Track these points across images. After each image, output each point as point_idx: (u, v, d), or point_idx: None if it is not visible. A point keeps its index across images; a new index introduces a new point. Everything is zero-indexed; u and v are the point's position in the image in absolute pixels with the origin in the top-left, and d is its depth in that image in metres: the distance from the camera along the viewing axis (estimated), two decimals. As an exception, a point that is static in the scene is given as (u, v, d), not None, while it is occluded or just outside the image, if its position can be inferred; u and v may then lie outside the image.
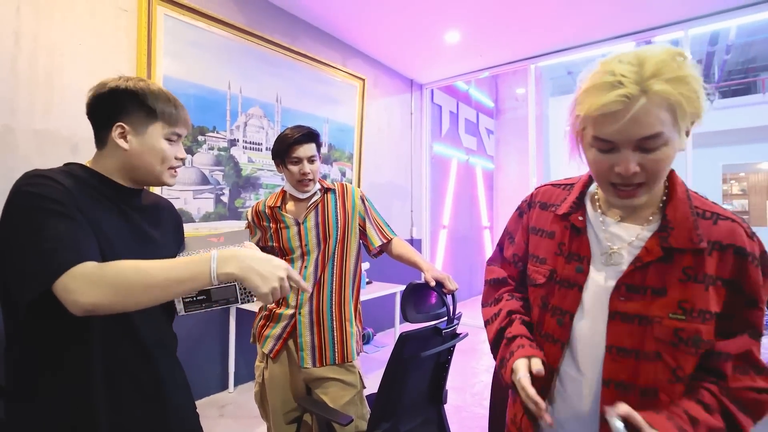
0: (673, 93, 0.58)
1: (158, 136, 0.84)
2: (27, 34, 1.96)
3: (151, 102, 0.83)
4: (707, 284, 0.64)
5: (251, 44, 2.91)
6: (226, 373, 2.82)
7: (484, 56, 4.18)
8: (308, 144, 1.42)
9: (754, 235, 0.67)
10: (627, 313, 0.68)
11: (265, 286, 0.70)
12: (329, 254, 1.45)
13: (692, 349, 0.64)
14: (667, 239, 0.67)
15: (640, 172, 0.63)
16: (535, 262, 0.82)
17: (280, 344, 1.43)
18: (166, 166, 0.86)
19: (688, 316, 0.64)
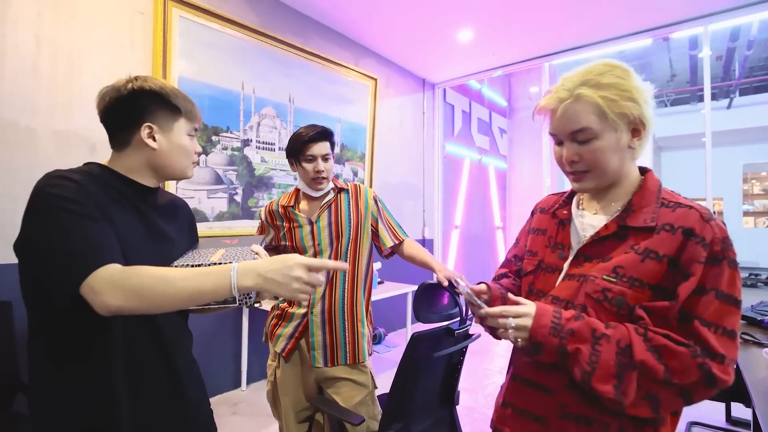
0: (594, 96, 0.73)
1: (183, 133, 0.88)
2: (47, 38, 2.01)
3: (174, 100, 0.86)
4: (645, 257, 0.71)
5: (264, 45, 2.93)
6: (239, 371, 2.85)
7: (498, 55, 4.15)
8: (323, 142, 1.43)
9: (710, 220, 0.70)
10: (573, 274, 0.78)
11: (285, 291, 0.71)
12: (341, 254, 1.45)
13: (614, 308, 0.71)
14: (624, 219, 0.76)
15: (580, 162, 0.77)
16: (529, 255, 0.92)
17: (292, 343, 1.44)
18: (191, 162, 0.91)
19: (618, 279, 0.72)
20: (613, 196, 0.81)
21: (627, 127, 0.74)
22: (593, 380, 0.68)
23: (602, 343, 0.68)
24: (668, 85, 8.34)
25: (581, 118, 0.74)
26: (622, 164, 0.77)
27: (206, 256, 0.86)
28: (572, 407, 0.74)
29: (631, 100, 0.72)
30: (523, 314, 0.72)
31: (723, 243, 0.68)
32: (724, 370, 0.65)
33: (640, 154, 0.79)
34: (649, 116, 0.74)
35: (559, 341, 0.69)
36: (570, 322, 0.70)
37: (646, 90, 0.75)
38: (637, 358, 0.66)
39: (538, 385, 0.79)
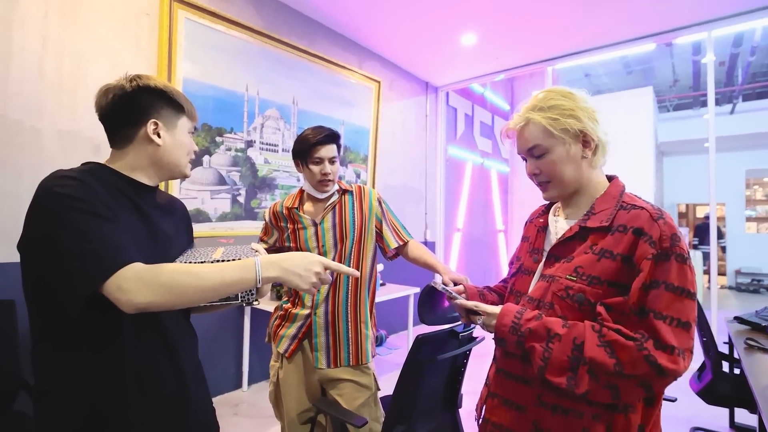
0: (539, 118, 0.86)
1: (185, 131, 0.90)
2: (53, 39, 2.02)
3: (177, 98, 0.87)
4: (601, 256, 0.79)
5: (269, 47, 2.94)
6: (240, 372, 2.85)
7: (501, 59, 4.15)
8: (330, 145, 1.43)
9: (659, 219, 0.77)
10: (545, 275, 0.87)
11: (304, 283, 0.78)
12: (345, 255, 1.45)
13: (576, 304, 0.79)
14: (585, 221, 0.85)
15: (540, 174, 0.90)
16: (515, 260, 1.02)
17: (296, 344, 1.44)
18: (189, 159, 0.92)
19: (578, 278, 0.80)
20: (579, 202, 0.90)
21: (574, 140, 0.86)
22: (546, 373, 0.77)
23: (554, 342, 0.77)
24: (671, 90, 8.35)
25: (532, 138, 0.88)
26: (579, 173, 0.88)
27: (207, 254, 0.86)
28: (547, 397, 0.81)
29: (572, 117, 0.85)
30: (490, 314, 0.85)
31: (671, 239, 0.75)
32: (673, 360, 0.70)
33: (600, 163, 0.89)
34: (592, 129, 0.85)
35: (516, 338, 0.80)
36: (529, 322, 0.80)
37: (590, 108, 0.87)
38: (586, 355, 0.73)
39: (518, 376, 0.86)
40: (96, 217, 0.71)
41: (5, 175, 1.87)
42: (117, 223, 0.74)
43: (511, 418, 0.86)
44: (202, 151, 2.59)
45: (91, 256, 0.68)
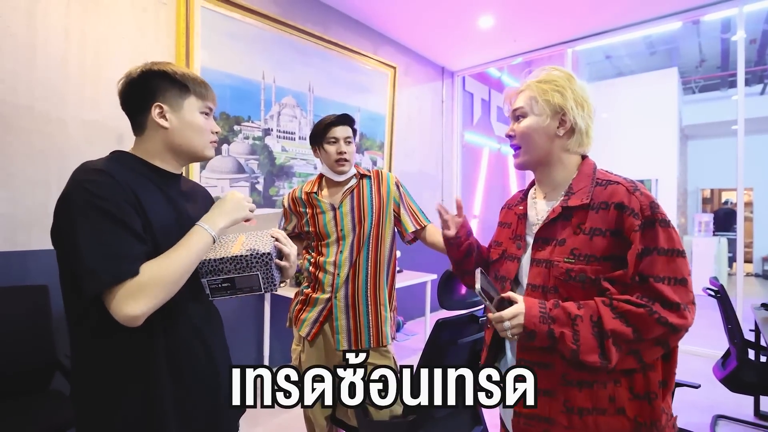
0: (534, 85, 0.94)
1: (194, 110, 0.88)
2: (75, 30, 2.05)
3: (182, 78, 0.87)
4: (592, 235, 0.84)
5: (284, 34, 2.94)
6: (261, 356, 2.92)
7: (519, 41, 4.06)
8: (344, 126, 1.48)
9: (635, 191, 0.83)
10: (540, 259, 0.90)
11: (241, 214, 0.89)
12: (364, 238, 1.47)
13: (579, 283, 0.84)
14: (567, 201, 0.90)
15: (515, 137, 0.96)
16: (495, 246, 1.07)
17: (317, 328, 1.47)
18: (207, 139, 0.91)
19: (576, 259, 0.85)
20: (553, 183, 0.96)
21: (552, 115, 0.91)
22: (581, 355, 0.80)
23: (578, 323, 0.80)
24: (696, 71, 8.03)
25: (521, 101, 0.95)
26: (549, 148, 0.93)
27: (228, 245, 0.89)
28: (571, 375, 0.85)
29: (558, 92, 0.91)
30: (515, 314, 0.83)
31: (651, 208, 0.81)
32: (681, 315, 0.77)
33: (575, 148, 0.93)
34: (572, 110, 0.90)
35: (547, 327, 0.82)
36: (552, 311, 0.83)
37: (582, 95, 0.92)
38: (607, 328, 0.78)
39: (539, 363, 0.88)
40: (112, 220, 0.73)
41: (35, 165, 1.93)
42: (134, 225, 0.76)
43: (542, 405, 0.87)
44: (220, 140, 2.62)
45: (99, 260, 0.71)
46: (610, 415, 0.82)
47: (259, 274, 0.88)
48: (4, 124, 1.86)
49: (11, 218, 1.87)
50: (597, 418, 0.83)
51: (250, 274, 0.87)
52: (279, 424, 2.27)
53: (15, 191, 1.88)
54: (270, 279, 0.89)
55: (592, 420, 0.83)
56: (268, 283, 0.89)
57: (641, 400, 0.83)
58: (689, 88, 8.35)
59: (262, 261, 0.87)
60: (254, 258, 0.86)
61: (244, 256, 0.85)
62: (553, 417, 0.86)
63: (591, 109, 0.93)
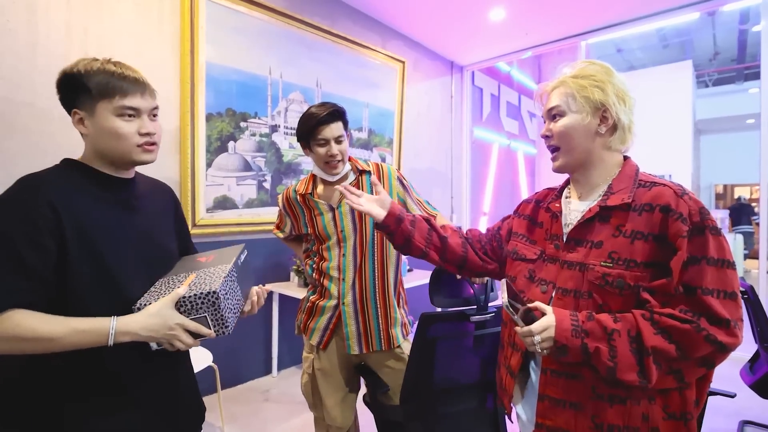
0: (570, 81, 0.87)
1: (107, 114, 0.79)
2: (77, 26, 1.99)
3: (86, 80, 0.78)
4: (633, 238, 0.78)
5: (291, 28, 2.86)
6: (270, 358, 2.86)
7: (530, 35, 3.96)
8: (334, 123, 1.32)
9: (683, 195, 0.77)
10: (571, 262, 0.84)
11: (162, 340, 0.77)
12: (367, 240, 1.37)
13: (616, 290, 0.77)
14: (605, 201, 0.84)
15: (552, 137, 0.90)
16: (527, 243, 0.98)
17: (328, 335, 1.40)
18: (131, 144, 0.82)
19: (614, 263, 0.78)
20: (591, 182, 0.89)
21: (592, 112, 0.85)
22: (618, 373, 0.73)
23: (615, 338, 0.74)
24: (710, 64, 7.86)
25: (557, 99, 0.88)
26: (590, 147, 0.87)
27: (174, 286, 0.83)
28: (602, 388, 0.78)
29: (598, 88, 0.84)
30: (545, 327, 0.76)
31: (700, 213, 0.75)
32: (731, 333, 0.71)
33: (617, 146, 0.87)
34: (614, 106, 0.84)
35: (581, 341, 0.75)
36: (585, 324, 0.76)
37: (623, 89, 0.86)
38: (648, 344, 0.72)
39: (568, 373, 0.82)
40: (9, 250, 0.70)
41: (36, 164, 1.87)
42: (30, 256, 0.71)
43: (568, 418, 0.81)
44: (227, 137, 2.56)
45: None
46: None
47: (208, 316, 0.80)
48: (6, 122, 1.81)
49: (14, 219, 1.83)
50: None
51: (197, 316, 0.80)
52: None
53: (17, 191, 1.83)
54: (220, 320, 0.81)
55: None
56: (218, 325, 0.81)
57: (677, 421, 0.77)
58: (702, 81, 8.19)
59: (208, 301, 0.79)
60: (198, 299, 0.79)
61: (189, 297, 0.78)
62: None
63: (632, 102, 0.86)
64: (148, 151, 0.85)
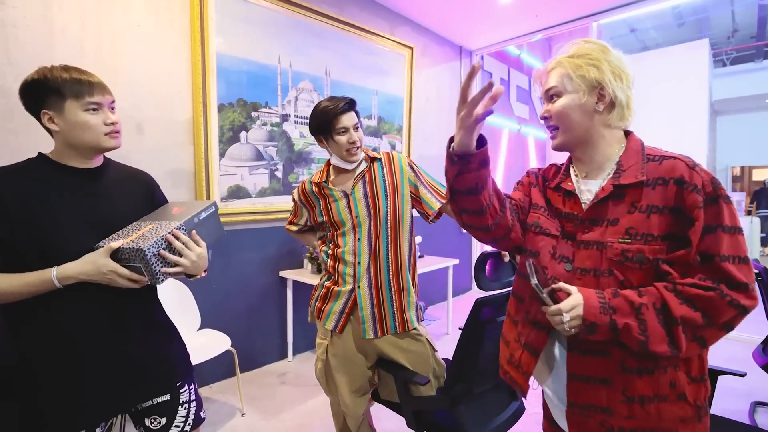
0: (566, 62, 0.87)
1: (75, 110, 0.93)
2: (91, 19, 2.03)
3: (55, 84, 0.92)
4: (649, 213, 0.80)
5: (299, 16, 2.86)
6: (285, 343, 2.94)
7: (540, 16, 3.89)
8: (350, 112, 1.41)
9: (695, 167, 0.79)
10: (588, 241, 0.85)
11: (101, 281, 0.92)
12: (381, 224, 1.42)
13: (636, 265, 0.79)
14: (618, 179, 0.84)
15: (550, 118, 0.91)
16: (546, 213, 0.96)
17: (344, 319, 1.44)
18: (99, 133, 0.96)
19: (632, 239, 0.80)
20: (595, 161, 0.90)
21: (589, 90, 0.85)
22: (651, 346, 0.75)
23: (644, 312, 0.75)
24: (728, 42, 7.63)
25: (554, 79, 0.89)
26: (589, 125, 0.87)
27: (134, 231, 0.98)
28: (630, 362, 0.80)
29: (593, 66, 0.85)
30: (573, 305, 0.78)
31: (712, 183, 0.77)
32: (750, 296, 0.74)
33: (616, 123, 0.87)
34: (610, 83, 0.84)
35: (609, 318, 0.76)
36: (612, 300, 0.77)
37: (619, 66, 0.85)
38: (676, 314, 0.74)
39: (595, 350, 0.83)
40: None
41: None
42: None
43: (598, 395, 0.83)
44: (238, 127, 2.60)
45: None
46: (672, 402, 0.79)
47: (141, 266, 0.93)
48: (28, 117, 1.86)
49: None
50: (659, 405, 0.79)
51: (134, 265, 0.93)
52: (295, 419, 2.29)
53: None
54: (151, 272, 0.94)
55: (654, 408, 0.79)
56: (150, 275, 0.94)
57: (698, 383, 0.81)
58: (719, 60, 7.96)
59: (139, 256, 0.91)
60: (131, 252, 0.91)
61: (125, 249, 0.92)
62: (612, 407, 0.81)
63: (630, 79, 0.87)
64: (113, 138, 0.99)
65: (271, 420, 2.18)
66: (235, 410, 2.26)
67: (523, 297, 0.97)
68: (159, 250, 0.94)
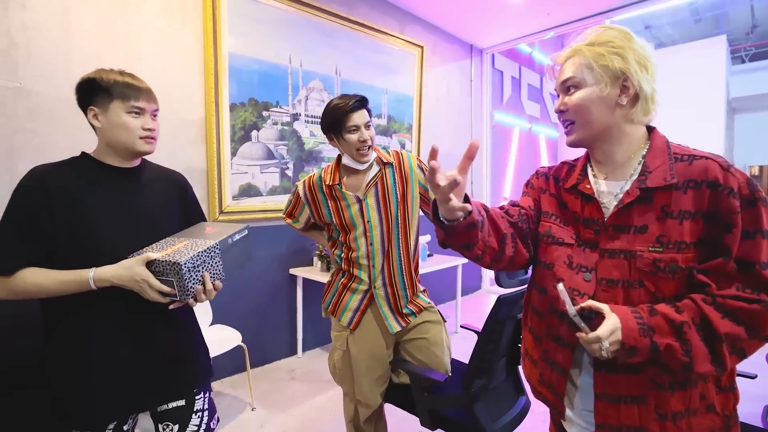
0: (586, 50, 0.79)
1: (119, 111, 0.99)
2: (107, 21, 2.08)
3: (107, 84, 0.98)
4: (681, 219, 0.73)
5: (310, 16, 2.89)
6: (294, 339, 2.98)
7: (552, 14, 3.85)
8: (362, 110, 1.39)
9: (729, 168, 0.73)
10: (614, 250, 0.78)
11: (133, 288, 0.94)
12: (392, 228, 1.45)
13: (669, 275, 0.73)
14: (644, 182, 0.77)
15: (567, 111, 0.83)
16: (558, 221, 0.89)
17: (359, 316, 1.47)
18: (135, 136, 1.01)
19: (664, 248, 0.73)
20: (616, 160, 0.83)
21: (612, 82, 0.78)
22: (696, 367, 0.69)
23: (686, 330, 0.69)
24: (747, 38, 7.45)
25: (571, 69, 0.81)
26: (610, 120, 0.80)
27: (169, 245, 1.00)
28: (662, 377, 0.75)
29: (617, 55, 0.77)
30: (612, 330, 0.70)
31: (749, 186, 0.71)
32: None
33: (640, 118, 0.80)
34: (636, 74, 0.77)
35: (650, 340, 0.70)
36: (650, 320, 0.71)
37: (644, 55, 0.78)
38: (721, 332, 0.68)
39: (624, 367, 0.76)
40: (12, 221, 0.92)
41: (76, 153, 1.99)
42: (26, 224, 0.92)
43: (630, 414, 0.77)
44: (249, 126, 2.64)
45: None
46: (701, 414, 0.75)
47: (174, 280, 0.94)
48: (48, 116, 1.92)
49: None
50: (690, 420, 0.75)
51: (167, 279, 0.94)
52: (302, 414, 2.32)
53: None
54: (183, 288, 0.94)
55: (686, 423, 0.75)
56: (182, 290, 0.95)
57: (726, 393, 0.77)
58: (738, 57, 7.78)
59: (174, 269, 0.93)
60: (167, 265, 0.93)
61: (160, 261, 0.93)
62: (645, 425, 0.76)
63: (654, 69, 0.79)
64: (148, 143, 1.04)
65: (281, 415, 2.22)
66: (245, 405, 2.30)
67: (542, 312, 0.90)
68: (194, 265, 0.95)
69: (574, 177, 0.89)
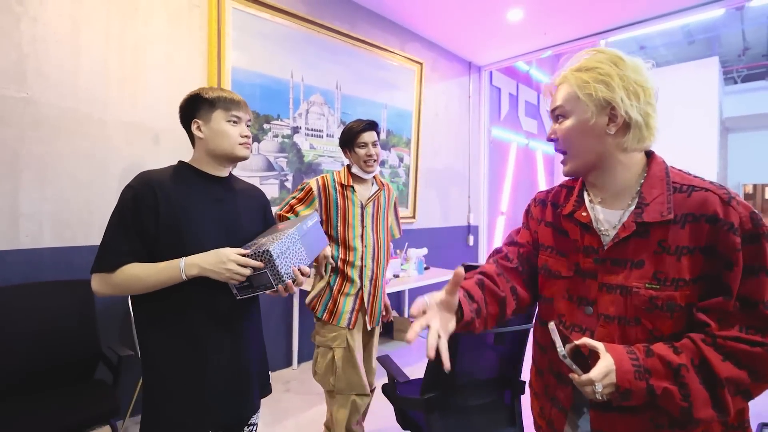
0: (572, 77, 0.77)
1: (220, 121, 1.08)
2: (115, 34, 2.13)
3: (209, 96, 1.08)
4: (679, 255, 0.70)
5: (312, 32, 2.96)
6: (290, 350, 2.97)
7: (549, 34, 3.95)
8: (371, 131, 1.73)
9: (731, 201, 0.69)
10: (611, 284, 0.76)
11: (220, 277, 0.99)
12: (380, 238, 1.78)
13: (667, 313, 0.70)
14: (641, 215, 0.74)
15: (558, 141, 0.81)
16: (554, 254, 0.86)
17: (355, 316, 1.69)
18: (234, 142, 1.10)
19: (662, 285, 0.71)
20: (612, 188, 0.80)
21: (598, 111, 0.74)
22: (695, 413, 0.66)
23: (684, 374, 0.67)
24: (739, 60, 7.63)
25: (559, 98, 0.80)
26: (603, 151, 0.77)
27: (249, 246, 1.05)
28: (661, 419, 0.72)
29: (603, 83, 0.73)
30: (605, 373, 0.67)
31: (752, 220, 0.68)
32: None
33: (634, 146, 0.76)
34: (623, 102, 0.72)
35: (645, 384, 0.67)
36: (646, 361, 0.68)
37: (635, 80, 0.73)
38: (721, 375, 0.65)
39: (621, 407, 0.73)
40: (121, 221, 0.99)
41: (79, 166, 2.02)
42: (133, 224, 0.99)
43: None
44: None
45: (102, 248, 1.00)
46: None
47: (267, 271, 0.98)
48: (53, 126, 1.95)
49: (58, 215, 1.97)
50: None
51: (261, 273, 0.98)
52: (306, 417, 2.31)
53: (62, 190, 1.97)
54: (277, 274, 0.99)
55: None
56: (276, 277, 0.99)
57: (735, 431, 0.73)
58: (730, 78, 7.95)
59: (266, 257, 0.97)
60: (258, 256, 0.97)
61: (251, 255, 0.98)
62: None
63: (651, 93, 0.74)
64: (246, 148, 1.13)
65: (276, 426, 2.21)
66: (239, 416, 2.29)
67: (544, 346, 0.88)
68: (281, 250, 1.00)
69: (570, 203, 0.86)
